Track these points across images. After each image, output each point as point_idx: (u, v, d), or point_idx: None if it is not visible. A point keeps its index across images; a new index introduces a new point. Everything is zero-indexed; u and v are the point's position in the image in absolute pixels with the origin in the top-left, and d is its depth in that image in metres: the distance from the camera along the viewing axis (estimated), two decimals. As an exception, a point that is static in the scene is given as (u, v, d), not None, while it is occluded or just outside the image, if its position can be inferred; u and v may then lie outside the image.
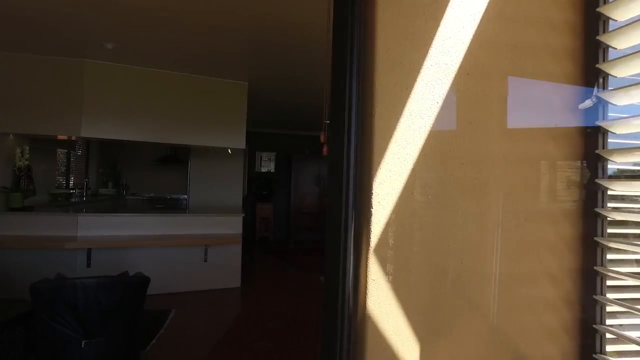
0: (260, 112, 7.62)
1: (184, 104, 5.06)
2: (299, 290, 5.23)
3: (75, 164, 8.15)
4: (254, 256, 7.36)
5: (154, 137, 4.88)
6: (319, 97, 5.93)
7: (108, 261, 4.59)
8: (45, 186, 6.66)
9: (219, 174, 6.99)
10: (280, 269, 6.53)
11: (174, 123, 5.00)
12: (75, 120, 4.49)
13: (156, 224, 4.89)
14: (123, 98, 4.75)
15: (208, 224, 5.16)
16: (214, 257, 5.11)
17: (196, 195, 7.05)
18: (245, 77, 5.17)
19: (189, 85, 5.08)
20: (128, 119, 4.77)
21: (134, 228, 4.77)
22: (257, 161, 9.90)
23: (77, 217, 4.47)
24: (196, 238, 4.86)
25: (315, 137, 10.26)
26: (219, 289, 5.11)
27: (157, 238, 4.68)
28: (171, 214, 5.03)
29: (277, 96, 6.30)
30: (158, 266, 4.83)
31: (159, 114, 4.93)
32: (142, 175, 9.84)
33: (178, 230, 4.98)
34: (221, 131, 5.24)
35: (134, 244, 4.49)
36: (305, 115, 7.87)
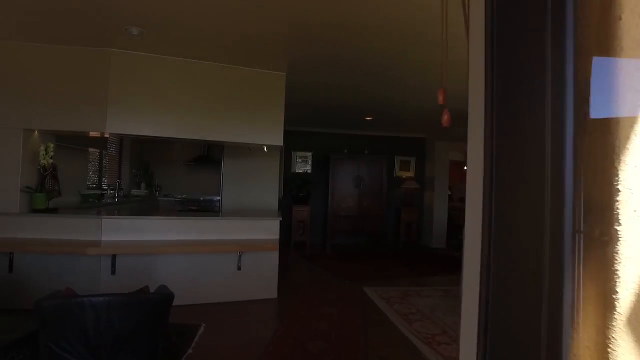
0: (296, 109, 7.15)
1: (216, 97, 4.64)
2: (341, 302, 4.70)
3: (109, 164, 7.93)
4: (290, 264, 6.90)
5: (184, 133, 4.48)
6: (362, 91, 5.38)
7: (134, 268, 4.21)
8: (76, 187, 6.42)
9: (253, 174, 6.59)
10: (318, 277, 6.03)
11: (206, 118, 4.58)
12: (100, 115, 4.14)
13: (186, 228, 4.49)
14: (151, 91, 4.37)
15: (242, 229, 4.72)
16: (248, 264, 4.65)
17: (229, 197, 6.67)
18: (283, 66, 4.70)
19: (221, 76, 4.66)
20: (156, 114, 4.38)
21: (162, 232, 4.38)
22: (292, 161, 9.45)
23: (100, 220, 4.11)
24: (229, 244, 4.41)
25: (354, 136, 9.82)
26: (254, 300, 4.65)
27: (187, 243, 4.26)
28: (202, 217, 4.62)
29: (316, 90, 5.81)
30: (187, 274, 4.42)
31: (189, 108, 4.52)
32: (175, 176, 9.61)
33: (209, 235, 4.56)
34: (257, 127, 4.79)
35: (160, 250, 4.08)
36: (345, 112, 7.35)
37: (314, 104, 6.71)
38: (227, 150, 6.71)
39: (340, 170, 9.04)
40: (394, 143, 9.83)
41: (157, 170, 9.53)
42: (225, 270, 4.58)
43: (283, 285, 5.20)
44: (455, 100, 4.57)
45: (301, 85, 5.48)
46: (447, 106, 1.18)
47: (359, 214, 9.08)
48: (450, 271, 6.74)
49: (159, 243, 4.19)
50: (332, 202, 8.97)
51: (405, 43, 3.86)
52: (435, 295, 5.17)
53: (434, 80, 4.94)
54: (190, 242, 4.34)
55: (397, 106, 6.75)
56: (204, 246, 4.17)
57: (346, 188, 9.08)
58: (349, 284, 5.61)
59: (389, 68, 4.62)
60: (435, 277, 6.39)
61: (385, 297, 5.03)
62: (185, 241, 4.35)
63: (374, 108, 6.91)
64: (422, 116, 7.48)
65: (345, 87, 5.59)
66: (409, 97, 6.04)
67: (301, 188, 8.96)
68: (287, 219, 9.22)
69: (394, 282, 5.93)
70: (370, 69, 4.66)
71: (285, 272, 6.21)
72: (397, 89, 5.55)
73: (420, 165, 9.95)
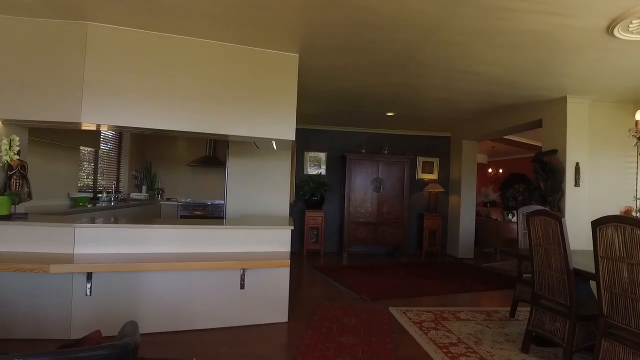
0: (309, 104, 6.38)
1: (216, 82, 3.89)
2: (364, 328, 3.90)
3: (106, 164, 7.25)
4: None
5: (176, 124, 3.73)
6: (385, 81, 4.53)
7: (115, 288, 3.46)
8: (65, 189, 5.74)
9: (262, 176, 5.85)
10: (335, 294, 5.23)
11: (204, 107, 3.83)
12: (74, 103, 3.41)
13: (180, 239, 3.74)
14: (137, 74, 3.63)
15: (247, 239, 3.95)
16: (253, 282, 3.88)
17: (235, 201, 5.94)
18: (296, 46, 3.94)
19: (223, 57, 3.92)
20: (143, 102, 3.64)
21: (151, 244, 3.63)
22: (305, 162, 8.68)
23: (73, 229, 3.37)
24: (231, 258, 3.64)
25: (373, 135, 9.01)
26: (260, 326, 3.87)
27: (180, 258, 3.50)
28: (199, 226, 3.86)
29: (333, 79, 5.04)
30: (180, 295, 3.66)
31: (184, 96, 3.78)
32: (178, 178, 8.92)
33: (208, 247, 3.81)
34: (265, 118, 4.03)
35: (147, 267, 3.32)
36: (365, 107, 6.55)
37: (330, 96, 5.94)
38: (233, 148, 5.98)
39: (357, 171, 8.24)
40: (415, 142, 9.01)
41: (160, 172, 8.84)
42: (225, 290, 3.82)
43: (294, 305, 4.42)
44: (489, 83, 3.48)
45: (316, 71, 4.71)
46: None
47: (378, 221, 8.26)
48: (486, 287, 5.88)
49: (146, 257, 3.43)
50: (349, 207, 8.17)
51: (444, 14, 3.07)
52: (476, 319, 4.34)
53: (466, 63, 4.14)
54: (184, 256, 3.59)
55: (422, 99, 5.95)
56: (199, 262, 3.40)
57: (364, 191, 8.28)
58: (371, 304, 4.81)
59: (420, 47, 3.82)
60: (469, 294, 5.55)
61: (416, 320, 4.21)
62: (178, 255, 3.60)
63: (397, 101, 6.11)
64: (449, 110, 6.66)
65: (366, 75, 4.81)
66: (438, 86, 5.23)
67: (314, 191, 8.18)
68: (299, 226, 8.45)
69: (423, 300, 5.10)
70: (399, 49, 3.88)
71: (296, 287, 5.43)
72: (426, 75, 4.75)
73: (444, 166, 9.10)
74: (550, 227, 3.14)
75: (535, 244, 3.38)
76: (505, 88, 5.15)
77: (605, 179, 5.59)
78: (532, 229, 3.39)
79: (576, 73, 4.40)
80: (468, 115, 7.06)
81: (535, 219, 3.34)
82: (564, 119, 5.41)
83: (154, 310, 3.56)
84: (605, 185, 5.59)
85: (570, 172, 5.36)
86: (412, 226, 8.82)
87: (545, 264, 3.27)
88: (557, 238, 3.08)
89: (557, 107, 5.56)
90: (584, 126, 5.41)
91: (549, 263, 3.22)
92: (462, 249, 8.47)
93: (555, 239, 3.11)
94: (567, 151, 5.36)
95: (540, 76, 4.56)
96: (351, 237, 8.14)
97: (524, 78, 4.66)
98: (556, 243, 3.10)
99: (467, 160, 8.53)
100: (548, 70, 4.36)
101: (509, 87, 5.07)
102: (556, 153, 5.49)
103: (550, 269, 3.21)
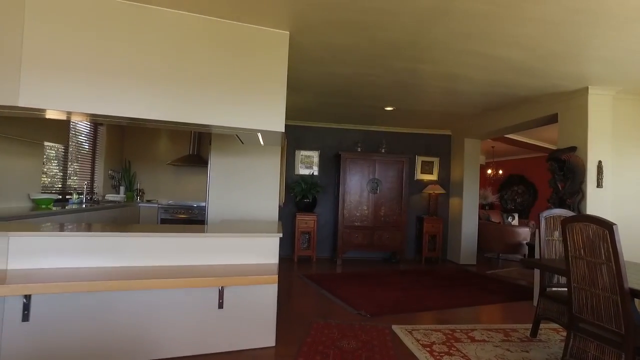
0: (300, 96, 5.78)
1: (192, 62, 3.26)
2: (366, 353, 3.29)
3: (79, 163, 6.57)
4: (293, 287, 5.53)
5: (139, 112, 3.09)
6: (386, 67, 3.52)
7: (60, 311, 2.81)
8: (25, 189, 5.07)
9: (248, 176, 5.25)
10: (330, 308, 4.61)
11: (175, 91, 3.20)
12: (8, 82, 2.75)
13: (145, 249, 3.10)
14: (93, 49, 2.99)
15: (227, 249, 3.33)
16: (234, 300, 3.26)
17: (218, 204, 5.31)
18: (286, 20, 3.32)
19: (199, 32, 3.29)
20: (101, 83, 3.00)
21: (112, 255, 2.99)
22: (296, 161, 8.06)
23: (7, 237, 2.72)
24: (207, 272, 3.01)
25: (369, 133, 8.39)
26: (241, 352, 3.24)
27: (146, 272, 2.87)
28: (170, 234, 3.22)
29: (328, 64, 4.43)
30: (144, 316, 3.02)
31: (153, 77, 3.15)
32: (160, 179, 8.24)
33: (180, 258, 3.18)
34: (249, 105, 3.40)
35: (99, 287, 2.67)
36: (362, 99, 5.95)
37: (325, 85, 5.33)
38: (215, 144, 5.36)
39: (352, 172, 7.64)
40: (414, 141, 8.42)
41: (140, 172, 8.17)
42: (200, 310, 3.19)
43: (283, 323, 3.80)
44: (504, 71, 2.71)
45: (309, 53, 4.11)
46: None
47: (374, 224, 7.66)
48: (496, 299, 5.30)
49: (102, 273, 2.79)
50: (343, 209, 7.56)
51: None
52: (493, 340, 3.75)
53: (483, 44, 3.56)
54: (151, 270, 2.96)
55: (425, 90, 5.37)
56: (165, 280, 2.76)
57: (360, 193, 7.67)
58: (371, 321, 4.20)
59: (435, 21, 3.23)
60: (479, 307, 4.96)
61: (425, 343, 3.61)
62: (144, 270, 2.97)
63: (398, 93, 5.52)
64: (453, 104, 6.09)
65: (366, 59, 4.21)
66: (445, 74, 4.66)
67: (306, 193, 7.56)
68: (290, 230, 7.83)
69: (429, 316, 4.51)
70: (408, 24, 3.29)
71: (286, 300, 4.80)
72: (434, 60, 4.17)
73: (445, 167, 8.53)
74: (598, 236, 2.56)
75: (573, 255, 2.80)
76: (521, 77, 4.58)
77: (629, 180, 5.04)
78: (569, 237, 2.81)
79: (607, 56, 3.84)
80: (473, 110, 6.49)
81: (574, 226, 2.76)
82: (585, 112, 4.86)
83: (110, 336, 2.91)
84: (629, 186, 5.04)
85: (592, 172, 4.81)
86: (410, 230, 8.23)
87: (588, 280, 2.69)
88: (606, 250, 2.50)
89: (576, 100, 5.01)
90: (607, 121, 4.86)
91: (593, 280, 2.64)
92: (464, 255, 7.90)
93: (603, 251, 2.53)
94: (588, 148, 4.81)
95: (565, 61, 3.99)
96: (346, 242, 7.53)
97: (545, 64, 4.10)
98: (605, 256, 2.52)
99: (469, 160, 7.97)
100: (575, 54, 3.80)
101: (526, 75, 4.50)
102: (575, 150, 4.94)
103: (595, 287, 2.63)
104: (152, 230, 3.27)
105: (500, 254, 8.95)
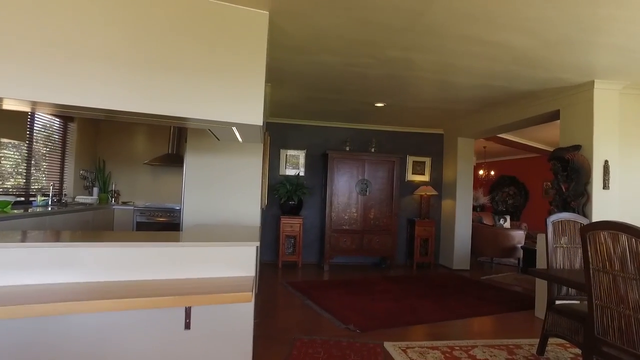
0: (283, 90, 5.35)
1: (156, 44, 2.81)
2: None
3: (47, 162, 6.05)
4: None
5: (92, 100, 2.64)
6: (379, 57, 2.93)
7: (4, 340, 2.34)
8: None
9: (227, 176, 4.83)
10: (316, 323, 4.19)
11: (136, 76, 2.75)
12: None
13: (104, 261, 2.64)
14: (40, 28, 2.53)
15: (198, 260, 2.88)
16: (203, 319, 2.82)
17: (194, 207, 4.88)
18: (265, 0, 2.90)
19: (164, 9, 2.85)
20: (42, 64, 2.54)
21: (59, 271, 2.53)
22: (281, 161, 7.62)
23: None
24: (171, 288, 2.56)
25: (358, 132, 7.91)
26: (212, 380, 2.80)
27: (101, 289, 2.41)
28: (131, 243, 2.76)
29: (314, 52, 4.02)
30: (97, 339, 2.57)
31: (108, 60, 2.69)
32: (136, 180, 7.74)
33: (143, 272, 2.72)
34: (223, 95, 2.96)
35: (37, 311, 2.20)
36: (351, 94, 5.55)
37: (310, 77, 4.91)
38: (192, 142, 4.92)
39: (341, 172, 7.22)
40: (405, 140, 8.04)
41: (115, 172, 7.66)
42: (163, 331, 2.74)
43: (262, 341, 3.37)
44: (506, 61, 2.28)
45: (291, 40, 3.68)
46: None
47: (364, 228, 7.26)
48: (494, 308, 4.92)
49: (41, 293, 2.33)
50: (331, 212, 7.14)
51: None
52: (496, 358, 3.36)
53: (487, 27, 3.17)
54: (108, 287, 2.51)
55: (419, 84, 4.99)
56: (118, 301, 2.31)
57: (348, 195, 7.26)
58: (360, 337, 3.78)
59: (425, 9, 2.84)
60: (477, 319, 4.58)
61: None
62: (100, 285, 2.52)
63: (390, 86, 5.12)
64: (447, 100, 5.72)
65: (356, 46, 3.80)
66: (442, 65, 4.28)
67: (291, 195, 7.12)
68: (274, 234, 7.40)
69: (424, 330, 4.11)
70: (399, 10, 2.89)
71: (267, 313, 4.37)
72: (431, 48, 3.78)
73: (437, 167, 8.16)
74: (629, 246, 2.18)
75: (595, 268, 2.42)
76: (524, 69, 4.21)
77: (636, 181, 4.71)
78: (591, 248, 2.42)
79: (619, 44, 3.48)
80: (468, 107, 6.12)
81: (597, 235, 2.37)
82: (591, 108, 4.52)
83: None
84: (637, 187, 4.71)
85: (598, 172, 4.46)
86: (401, 234, 7.85)
87: (615, 298, 2.31)
88: (639, 263, 2.12)
89: (581, 95, 4.66)
90: (613, 117, 4.53)
91: (622, 297, 2.26)
92: (457, 259, 7.54)
93: (635, 265, 2.14)
94: (594, 147, 4.47)
95: (574, 49, 3.62)
96: (333, 247, 7.11)
97: (553, 52, 3.73)
98: (637, 270, 2.14)
99: (462, 160, 7.62)
100: (586, 41, 3.43)
101: (529, 66, 4.13)
102: (580, 149, 4.59)
103: (624, 305, 2.25)
104: (111, 239, 2.81)
105: (494, 258, 8.62)
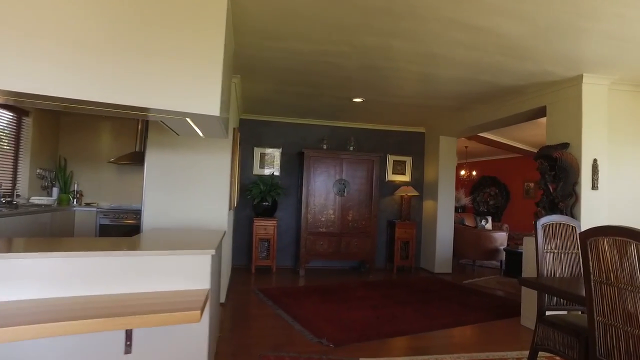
0: (253, 83, 4.97)
1: (90, 19, 2.41)
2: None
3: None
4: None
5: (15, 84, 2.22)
6: (356, 44, 2.60)
7: None
8: None
9: (191, 175, 4.47)
10: (286, 335, 3.83)
11: (68, 57, 2.34)
12: None
13: (33, 273, 2.22)
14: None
15: (147, 270, 2.48)
16: (148, 341, 2.42)
17: (156, 208, 4.51)
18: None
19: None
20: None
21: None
22: (254, 160, 7.22)
23: None
24: (109, 307, 2.16)
25: (336, 129, 7.43)
26: (159, 411, 2.41)
27: (12, 312, 2.00)
28: (65, 253, 2.34)
29: (283, 37, 3.65)
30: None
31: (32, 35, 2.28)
32: (101, 179, 7.23)
33: (85, 287, 2.31)
34: (173, 79, 2.57)
35: None
36: (327, 87, 5.20)
37: (281, 69, 4.54)
38: (153, 137, 4.56)
39: (317, 171, 6.86)
40: (385, 138, 7.73)
41: (78, 171, 7.14)
42: (101, 356, 2.33)
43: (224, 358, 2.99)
44: (492, 51, 2.10)
45: (258, 23, 3.31)
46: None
47: (341, 230, 6.91)
48: (479, 316, 4.63)
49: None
50: (307, 214, 6.78)
51: None
52: (483, 378, 3.05)
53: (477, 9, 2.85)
54: (23, 308, 2.09)
55: (400, 76, 4.67)
56: (32, 327, 1.90)
57: (325, 195, 6.90)
58: (335, 351, 3.43)
59: None
60: (461, 328, 4.27)
61: (401, 385, 2.87)
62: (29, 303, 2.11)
63: (368, 79, 4.78)
64: (428, 95, 5.43)
65: (331, 31, 3.45)
66: (424, 55, 3.96)
67: (265, 195, 6.74)
68: (247, 237, 6.99)
69: (404, 342, 3.78)
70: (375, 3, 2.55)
71: (233, 325, 3.98)
72: (413, 33, 3.45)
73: (418, 167, 7.88)
74: (639, 255, 1.87)
75: (597, 280, 2.11)
76: (511, 60, 3.93)
77: (625, 181, 4.48)
78: (592, 256, 2.12)
79: (613, 32, 3.22)
80: (450, 103, 5.84)
81: (600, 242, 2.07)
82: (579, 104, 4.26)
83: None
84: (626, 188, 4.47)
85: (587, 172, 4.21)
86: (381, 236, 7.53)
87: (621, 314, 2.00)
88: (652, 276, 1.82)
89: (568, 90, 4.41)
90: (602, 114, 4.28)
91: (629, 315, 1.96)
92: (439, 263, 7.27)
93: (647, 277, 1.84)
94: (582, 145, 4.21)
95: (565, 37, 3.33)
96: (309, 251, 6.75)
97: (542, 41, 3.44)
98: (649, 284, 1.83)
99: (444, 160, 7.35)
100: (578, 28, 3.15)
101: (517, 57, 3.85)
102: (567, 147, 4.34)
103: (631, 325, 1.95)
104: (41, 249, 2.39)
105: (476, 261, 8.39)
